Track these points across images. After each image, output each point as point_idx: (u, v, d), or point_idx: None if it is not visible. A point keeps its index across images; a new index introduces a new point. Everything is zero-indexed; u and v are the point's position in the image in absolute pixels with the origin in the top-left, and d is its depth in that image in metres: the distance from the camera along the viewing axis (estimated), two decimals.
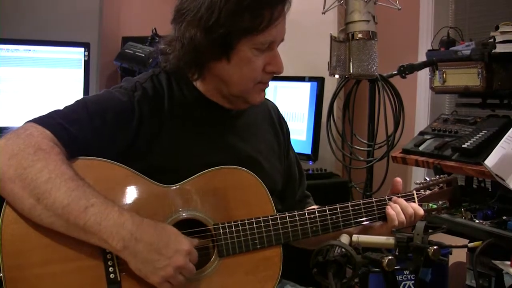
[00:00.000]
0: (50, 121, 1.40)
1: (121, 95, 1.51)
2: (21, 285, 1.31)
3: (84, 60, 3.22)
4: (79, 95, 3.16)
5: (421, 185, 1.77)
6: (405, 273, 2.11)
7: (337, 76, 2.07)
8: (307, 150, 3.34)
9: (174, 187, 1.48)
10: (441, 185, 1.76)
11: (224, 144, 1.62)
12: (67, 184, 1.29)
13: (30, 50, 3.10)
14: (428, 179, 1.80)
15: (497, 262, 1.66)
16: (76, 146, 1.40)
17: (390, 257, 1.25)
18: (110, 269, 1.36)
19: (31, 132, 1.35)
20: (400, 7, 2.03)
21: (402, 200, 1.66)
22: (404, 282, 1.56)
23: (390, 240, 1.37)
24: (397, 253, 1.34)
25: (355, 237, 1.38)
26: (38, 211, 1.29)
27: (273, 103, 1.87)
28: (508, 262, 1.63)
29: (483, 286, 2.03)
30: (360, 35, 1.93)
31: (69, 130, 1.40)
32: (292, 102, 3.44)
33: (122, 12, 4.02)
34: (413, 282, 1.93)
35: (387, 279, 1.29)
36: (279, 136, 1.81)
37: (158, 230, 1.34)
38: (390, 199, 1.67)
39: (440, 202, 1.75)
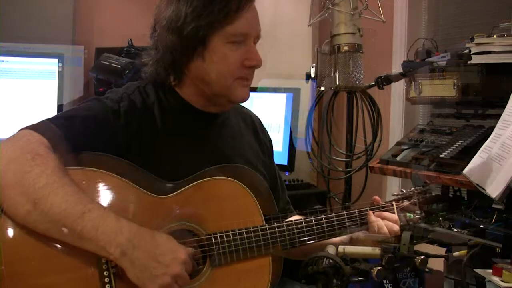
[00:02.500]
0: (45, 128, 1.39)
1: (110, 103, 1.52)
2: None
3: (58, 71, 3.18)
4: (53, 106, 3.13)
5: (399, 196, 1.83)
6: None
7: (323, 88, 2.09)
8: (283, 161, 3.34)
9: (167, 197, 1.48)
10: (417, 196, 1.83)
11: (214, 154, 1.64)
12: (64, 189, 1.29)
13: (3, 61, 3.07)
14: (404, 191, 1.87)
15: (479, 271, 1.68)
16: (70, 154, 1.39)
17: (379, 268, 1.25)
18: (106, 279, 1.35)
19: (28, 139, 1.35)
20: (385, 20, 2.05)
21: (384, 214, 1.73)
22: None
23: (376, 250, 1.37)
24: (383, 263, 1.34)
25: (341, 248, 1.39)
26: (33, 217, 1.27)
27: (255, 114, 1.91)
28: (490, 270, 1.65)
29: None
30: (346, 48, 1.95)
31: (64, 138, 1.39)
32: (268, 113, 3.45)
33: (95, 23, 3.99)
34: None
35: None
36: (263, 146, 1.85)
37: (155, 238, 1.34)
38: (371, 209, 1.73)
39: (417, 212, 1.81)
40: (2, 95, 3.07)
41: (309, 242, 1.62)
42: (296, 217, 1.86)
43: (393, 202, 1.78)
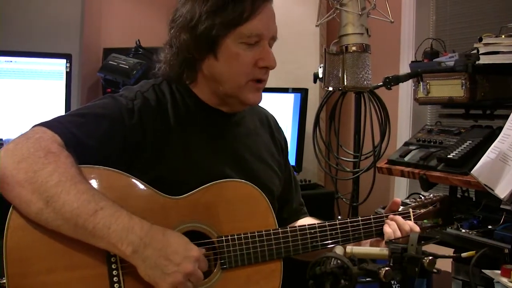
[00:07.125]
0: (59, 126, 1.39)
1: (124, 101, 1.52)
2: None
3: (66, 72, 3.19)
4: (61, 107, 3.14)
5: (417, 203, 1.81)
6: None
7: (330, 88, 2.08)
8: (291, 161, 3.33)
9: (179, 199, 1.48)
10: (435, 203, 1.81)
11: (228, 154, 1.63)
12: (77, 187, 1.29)
13: (11, 61, 3.06)
14: (423, 197, 1.85)
15: (487, 272, 1.67)
16: (83, 151, 1.39)
17: (387, 268, 1.25)
18: (115, 278, 1.35)
19: (40, 136, 1.34)
20: (393, 20, 2.04)
21: (399, 218, 1.69)
22: None
23: (384, 251, 1.37)
24: (391, 264, 1.34)
25: (349, 249, 1.38)
26: (45, 214, 1.27)
27: (271, 113, 1.90)
28: (499, 271, 1.64)
29: None
30: (354, 48, 1.94)
31: (77, 135, 1.39)
32: (276, 113, 3.43)
33: (103, 23, 4.00)
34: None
35: None
36: (278, 144, 1.83)
37: (167, 236, 1.34)
38: (387, 217, 1.70)
39: (434, 220, 1.80)
40: (10, 95, 3.07)
41: (321, 248, 1.60)
42: (309, 219, 1.86)
43: (410, 210, 1.77)
